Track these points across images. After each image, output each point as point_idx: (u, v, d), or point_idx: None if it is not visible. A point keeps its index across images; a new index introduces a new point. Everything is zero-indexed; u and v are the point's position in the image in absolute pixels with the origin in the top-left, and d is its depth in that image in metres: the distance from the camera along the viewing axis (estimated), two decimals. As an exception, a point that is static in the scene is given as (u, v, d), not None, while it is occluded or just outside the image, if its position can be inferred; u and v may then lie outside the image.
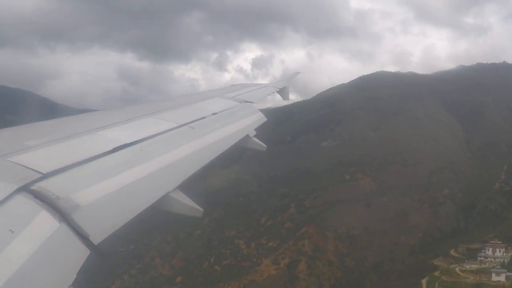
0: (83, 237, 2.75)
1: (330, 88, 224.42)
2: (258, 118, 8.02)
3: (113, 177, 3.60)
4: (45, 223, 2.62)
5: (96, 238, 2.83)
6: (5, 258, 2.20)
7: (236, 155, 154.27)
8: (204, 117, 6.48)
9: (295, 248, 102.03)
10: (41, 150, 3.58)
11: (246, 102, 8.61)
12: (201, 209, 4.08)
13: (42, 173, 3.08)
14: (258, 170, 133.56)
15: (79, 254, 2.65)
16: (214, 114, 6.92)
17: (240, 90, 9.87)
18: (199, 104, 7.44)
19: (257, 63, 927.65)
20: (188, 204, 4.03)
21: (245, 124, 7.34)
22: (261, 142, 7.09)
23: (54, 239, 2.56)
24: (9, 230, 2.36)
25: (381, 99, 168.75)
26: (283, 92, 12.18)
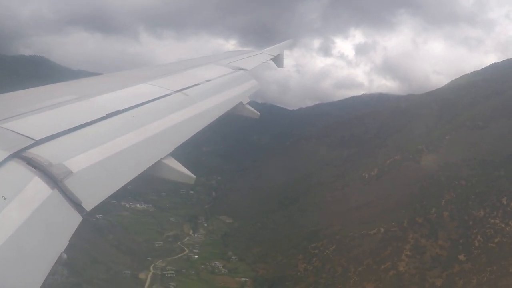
0: (76, 204, 2.75)
1: (463, 76, 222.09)
2: (252, 86, 7.95)
3: (106, 144, 3.59)
4: (37, 189, 2.61)
5: (89, 204, 2.84)
6: None
7: (435, 139, 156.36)
8: (197, 84, 6.41)
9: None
10: (33, 116, 3.54)
11: (241, 69, 8.50)
12: (193, 176, 4.08)
13: (35, 140, 3.04)
14: (463, 153, 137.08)
15: (71, 220, 2.65)
16: (208, 81, 6.84)
17: (234, 57, 9.82)
18: (193, 71, 7.35)
19: (360, 50, 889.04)
20: (180, 171, 4.01)
21: (239, 91, 7.29)
22: (254, 110, 7.08)
23: (46, 206, 2.55)
24: (1, 197, 2.35)
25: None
26: (277, 59, 12.05)
